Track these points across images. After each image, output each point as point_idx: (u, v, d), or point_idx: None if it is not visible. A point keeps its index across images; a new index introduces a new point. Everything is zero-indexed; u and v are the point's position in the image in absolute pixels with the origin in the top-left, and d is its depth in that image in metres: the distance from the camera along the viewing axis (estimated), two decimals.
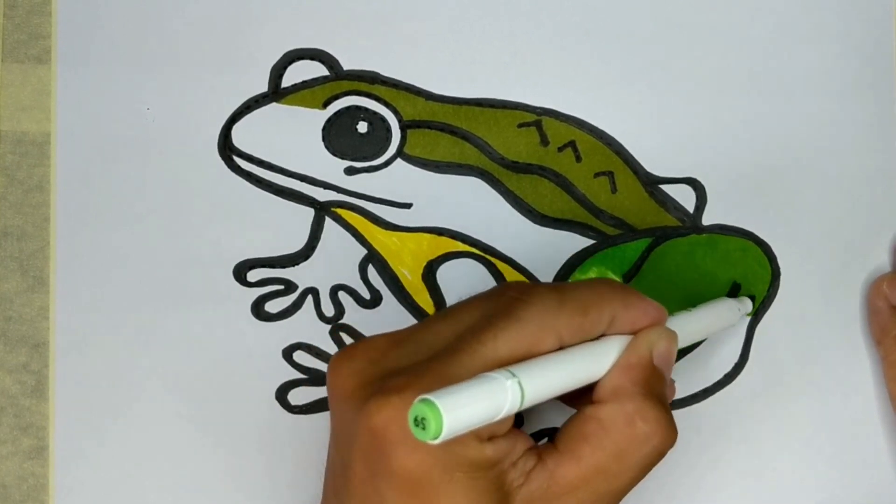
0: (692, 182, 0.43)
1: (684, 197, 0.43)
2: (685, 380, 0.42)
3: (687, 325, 0.38)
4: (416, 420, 0.28)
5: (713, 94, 0.43)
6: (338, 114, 0.42)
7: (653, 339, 0.35)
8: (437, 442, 0.27)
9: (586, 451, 0.33)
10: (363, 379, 0.33)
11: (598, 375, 0.34)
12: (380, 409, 0.31)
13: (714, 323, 0.40)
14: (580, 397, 0.35)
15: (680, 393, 0.42)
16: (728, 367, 0.42)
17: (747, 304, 0.42)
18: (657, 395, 0.34)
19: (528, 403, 0.31)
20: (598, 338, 0.35)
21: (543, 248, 0.42)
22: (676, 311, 0.38)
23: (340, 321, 0.42)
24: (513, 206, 0.42)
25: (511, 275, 0.42)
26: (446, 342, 0.33)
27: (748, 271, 0.43)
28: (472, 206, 0.42)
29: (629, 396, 0.33)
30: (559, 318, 0.33)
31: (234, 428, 0.42)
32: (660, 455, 0.34)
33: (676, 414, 0.42)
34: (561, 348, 0.33)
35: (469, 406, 0.28)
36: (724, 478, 0.42)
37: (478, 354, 0.31)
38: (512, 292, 0.34)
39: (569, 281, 0.35)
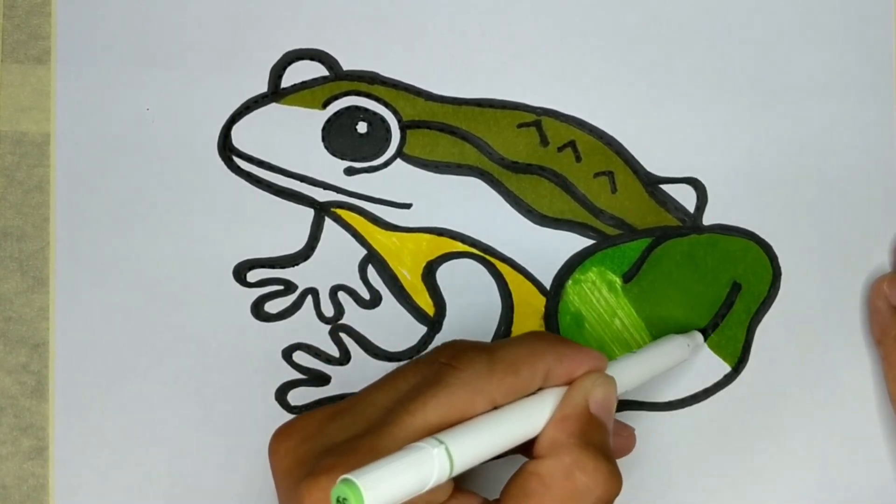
0: (692, 182, 0.43)
1: (684, 197, 0.43)
2: (685, 379, 0.42)
3: (630, 368, 0.37)
4: (338, 500, 0.27)
5: (713, 94, 0.43)
6: (337, 114, 0.42)
7: (587, 388, 0.34)
8: None
9: None
10: (298, 457, 0.33)
11: (535, 431, 0.34)
12: (310, 492, 0.31)
13: (661, 362, 0.39)
14: (530, 448, 0.34)
15: (680, 393, 0.42)
16: (728, 368, 0.42)
17: (697, 339, 0.42)
18: (596, 444, 0.33)
19: (458, 469, 0.30)
20: (536, 392, 0.34)
21: (543, 248, 0.42)
22: (619, 356, 0.38)
23: (340, 321, 0.42)
24: (512, 207, 0.42)
25: (511, 275, 0.42)
26: (382, 412, 0.33)
27: (748, 271, 0.43)
28: (472, 206, 0.42)
29: (566, 449, 0.33)
30: (490, 380, 0.33)
31: (234, 428, 0.42)
32: None
33: (677, 414, 0.42)
34: (496, 408, 0.33)
35: (392, 480, 0.28)
36: (724, 478, 0.42)
37: (406, 425, 0.31)
38: (443, 358, 0.34)
39: (504, 339, 0.35)
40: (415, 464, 0.29)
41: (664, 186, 0.43)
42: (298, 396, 0.42)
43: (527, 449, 0.35)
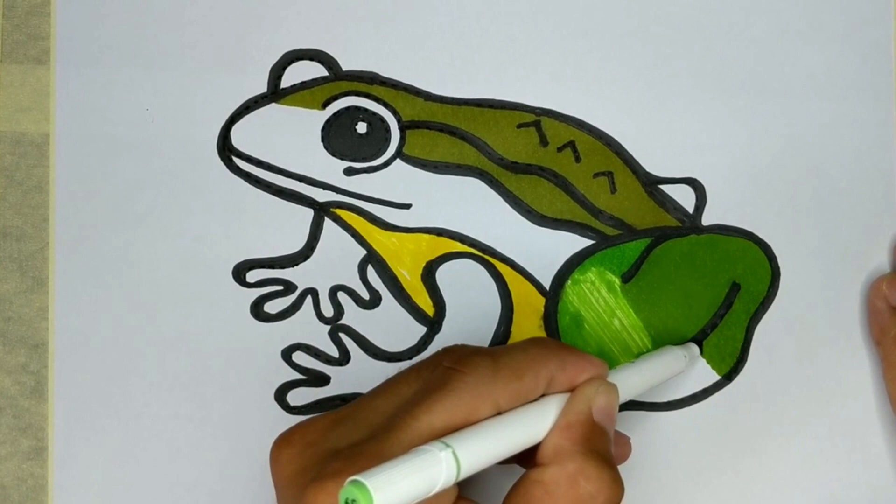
0: (692, 182, 0.43)
1: (684, 197, 0.43)
2: (685, 379, 0.42)
3: (630, 377, 0.37)
4: (346, 502, 0.27)
5: (713, 93, 0.43)
6: (337, 114, 0.42)
7: (590, 395, 0.34)
8: None
9: None
10: (302, 464, 0.33)
11: (539, 437, 0.34)
12: (317, 497, 0.31)
13: (660, 373, 0.39)
14: (530, 458, 0.34)
15: (680, 393, 0.42)
16: (728, 368, 0.42)
17: (694, 351, 0.42)
18: (599, 451, 0.33)
19: (465, 473, 0.30)
20: (539, 398, 0.34)
21: (542, 249, 0.42)
22: (620, 364, 0.38)
23: (340, 322, 0.42)
24: (512, 207, 0.42)
25: (511, 275, 0.42)
26: (385, 418, 0.33)
27: (747, 271, 0.42)
28: (472, 206, 0.42)
29: (570, 456, 0.33)
30: (494, 385, 0.33)
31: (234, 428, 0.42)
32: None
33: (677, 414, 0.42)
34: (500, 414, 0.33)
35: (401, 482, 0.28)
36: (723, 477, 0.42)
37: (412, 429, 0.31)
38: (447, 362, 0.33)
39: (506, 345, 0.35)
40: (423, 466, 0.29)
41: (663, 187, 0.43)
42: (298, 397, 0.42)
43: (525, 458, 0.35)
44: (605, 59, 0.43)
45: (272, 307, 0.42)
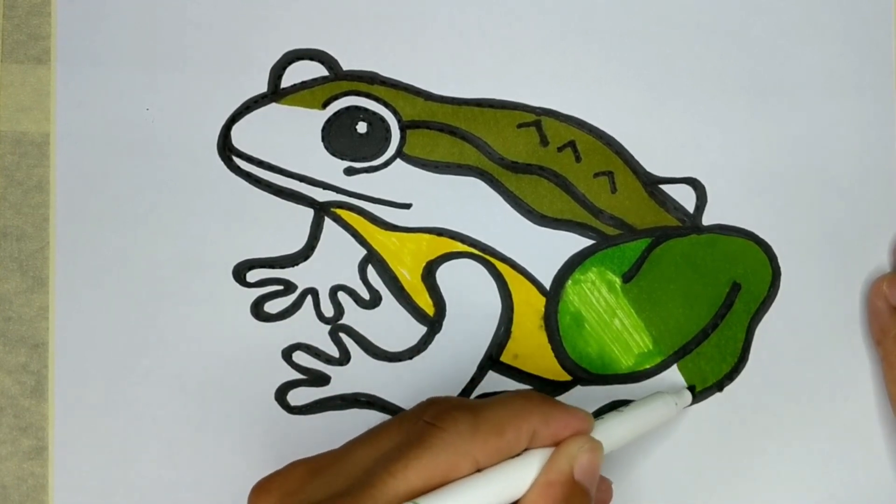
0: (692, 182, 0.43)
1: (684, 197, 0.43)
2: (685, 379, 0.42)
3: (617, 429, 0.37)
4: None
5: (713, 93, 0.43)
6: (337, 114, 0.42)
7: (573, 453, 0.34)
8: None
9: None
10: None
11: (518, 494, 0.33)
12: None
13: (648, 422, 0.39)
14: None
15: None
16: (728, 367, 0.42)
17: (686, 398, 0.41)
18: None
19: None
20: (521, 453, 0.34)
21: (543, 249, 0.42)
22: (606, 415, 0.38)
23: (340, 321, 0.42)
24: (512, 207, 0.42)
25: (511, 275, 0.42)
26: (363, 471, 0.32)
27: (748, 271, 0.42)
28: (472, 206, 0.42)
29: None
30: (474, 441, 0.32)
31: (234, 428, 0.42)
32: None
33: (676, 414, 0.42)
34: (480, 471, 0.33)
35: None
36: (724, 478, 0.42)
37: (389, 487, 0.31)
38: (427, 417, 0.33)
39: (489, 399, 0.34)
40: None
41: (664, 186, 0.43)
42: (298, 397, 0.42)
43: None
44: (605, 59, 0.43)
45: (272, 307, 0.42)
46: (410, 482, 0.31)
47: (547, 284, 0.42)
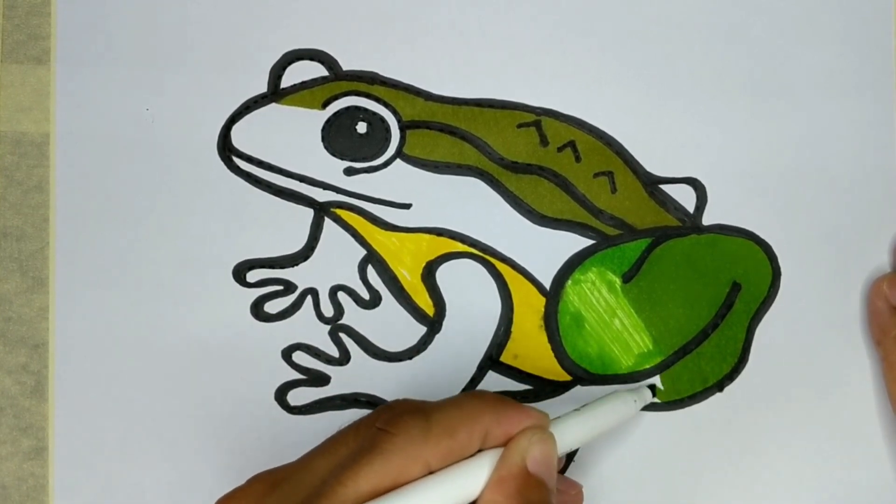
0: (692, 182, 0.43)
1: (684, 197, 0.43)
2: (685, 379, 0.42)
3: (574, 427, 0.37)
4: None
5: (713, 93, 0.43)
6: (337, 114, 0.42)
7: (524, 446, 0.34)
8: None
9: None
10: None
11: (473, 495, 0.33)
12: None
13: (607, 420, 0.38)
14: None
15: (679, 393, 0.42)
16: (728, 368, 0.42)
17: (646, 395, 0.41)
18: (536, 503, 0.33)
19: None
20: (475, 454, 0.34)
21: (543, 249, 0.42)
22: (563, 413, 0.37)
23: (340, 322, 0.42)
24: (512, 207, 0.42)
25: (511, 275, 0.42)
26: (320, 480, 0.32)
27: (748, 271, 0.42)
28: (472, 206, 0.42)
29: None
30: (426, 445, 0.32)
31: (234, 428, 0.42)
32: None
33: (677, 414, 0.42)
34: (432, 472, 0.33)
35: None
36: (724, 478, 0.42)
37: (339, 496, 0.31)
38: (379, 423, 0.33)
39: (442, 400, 0.35)
40: None
41: (664, 186, 0.43)
42: (298, 396, 0.42)
43: None
44: (605, 59, 0.43)
45: (272, 307, 0.42)
46: (360, 489, 0.31)
47: (547, 284, 0.42)
